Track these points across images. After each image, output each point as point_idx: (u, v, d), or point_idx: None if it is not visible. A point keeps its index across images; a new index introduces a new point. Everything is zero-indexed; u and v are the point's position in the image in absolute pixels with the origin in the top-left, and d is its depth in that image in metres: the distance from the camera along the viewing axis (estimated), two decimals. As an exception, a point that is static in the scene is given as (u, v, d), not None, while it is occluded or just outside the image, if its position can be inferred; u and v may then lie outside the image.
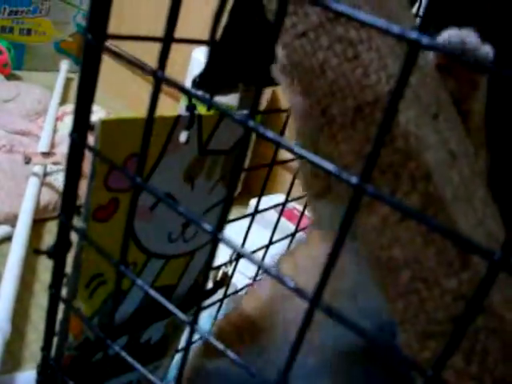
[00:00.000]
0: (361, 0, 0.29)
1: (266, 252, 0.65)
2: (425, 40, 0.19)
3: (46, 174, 0.98)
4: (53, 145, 1.11)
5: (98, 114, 1.26)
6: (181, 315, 0.31)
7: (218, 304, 0.66)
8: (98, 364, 0.48)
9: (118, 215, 0.40)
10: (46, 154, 0.96)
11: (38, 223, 0.89)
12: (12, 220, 0.88)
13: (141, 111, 0.30)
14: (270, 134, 0.24)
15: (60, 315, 0.41)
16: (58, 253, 0.38)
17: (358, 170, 0.21)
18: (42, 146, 1.06)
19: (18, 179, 0.97)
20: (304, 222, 0.80)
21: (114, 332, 0.46)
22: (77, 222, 0.38)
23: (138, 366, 0.36)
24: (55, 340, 0.43)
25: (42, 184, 0.96)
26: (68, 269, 0.40)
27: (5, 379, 0.61)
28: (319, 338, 0.39)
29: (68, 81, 1.57)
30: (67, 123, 1.22)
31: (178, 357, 0.63)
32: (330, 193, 0.34)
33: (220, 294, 0.63)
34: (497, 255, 0.19)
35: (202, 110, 0.53)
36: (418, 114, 0.28)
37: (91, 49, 0.31)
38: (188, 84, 0.37)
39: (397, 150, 0.27)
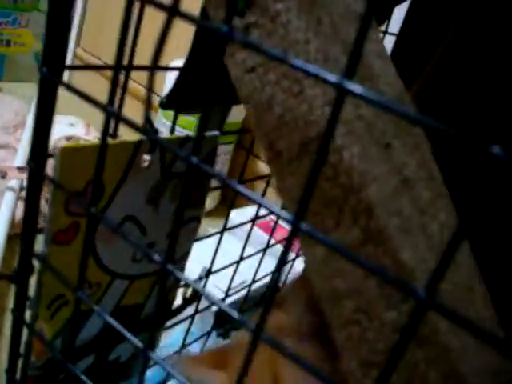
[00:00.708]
0: (310, 33, 0.30)
1: (236, 267, 0.65)
2: (350, 85, 0.20)
3: (22, 189, 0.98)
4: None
5: (76, 127, 1.26)
6: (136, 341, 0.32)
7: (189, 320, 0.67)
8: (63, 383, 0.48)
9: (78, 239, 0.40)
10: (22, 169, 0.96)
11: (13, 238, 0.89)
12: (-14, 234, 0.88)
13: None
14: (213, 171, 0.25)
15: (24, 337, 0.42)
16: (20, 277, 0.38)
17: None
18: (19, 160, 1.06)
19: (-6, 193, 0.97)
20: (279, 234, 0.81)
21: (77, 352, 0.47)
22: (38, 245, 0.39)
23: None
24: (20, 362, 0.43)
25: (18, 198, 0.96)
26: (31, 292, 0.41)
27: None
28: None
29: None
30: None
31: (149, 373, 0.64)
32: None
33: (191, 310, 0.63)
34: (420, 294, 0.20)
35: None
36: (365, 148, 0.29)
37: (47, 82, 0.31)
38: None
39: (340, 185, 0.28)
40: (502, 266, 0.39)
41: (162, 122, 1.15)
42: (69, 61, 1.69)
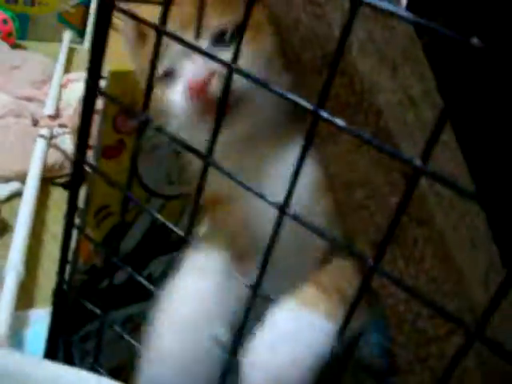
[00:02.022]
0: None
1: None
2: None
3: (52, 137, 1.04)
4: (58, 110, 1.17)
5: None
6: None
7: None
8: (103, 291, 0.54)
9: (123, 154, 0.46)
10: (53, 117, 1.02)
11: (44, 181, 0.95)
12: (21, 177, 0.94)
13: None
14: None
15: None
16: (72, 185, 0.44)
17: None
18: (48, 110, 1.12)
19: (26, 141, 1.03)
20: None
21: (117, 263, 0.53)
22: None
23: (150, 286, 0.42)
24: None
25: (49, 145, 1.02)
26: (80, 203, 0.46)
27: (20, 315, 0.68)
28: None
29: (70, 51, 1.62)
30: (71, 90, 1.27)
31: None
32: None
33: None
34: (418, 163, 0.25)
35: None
36: (375, 65, 0.34)
37: (105, 5, 0.36)
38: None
39: (355, 91, 0.33)
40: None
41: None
42: (91, 22, 1.73)
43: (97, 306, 0.55)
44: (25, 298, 0.72)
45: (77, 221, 0.47)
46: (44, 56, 1.45)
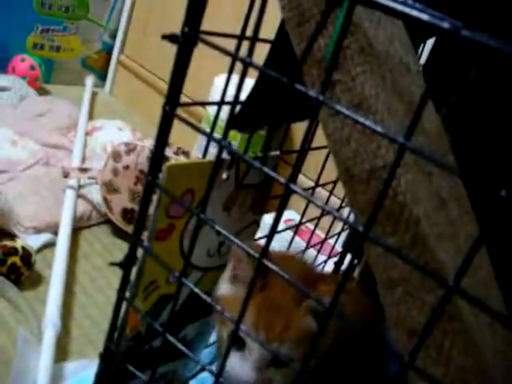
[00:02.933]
0: (379, 89, 0.39)
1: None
2: (408, 144, 0.29)
3: (79, 187, 1.08)
4: (83, 158, 1.22)
5: (124, 131, 1.36)
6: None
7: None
8: (145, 354, 0.58)
9: (172, 236, 0.50)
10: (84, 170, 1.06)
11: (74, 232, 0.99)
12: (52, 228, 0.99)
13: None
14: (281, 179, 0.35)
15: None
16: (127, 264, 0.48)
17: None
18: (76, 161, 1.17)
19: (56, 191, 1.07)
20: (314, 240, 0.90)
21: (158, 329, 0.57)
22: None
23: (185, 350, 0.46)
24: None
25: (77, 196, 1.06)
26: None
27: (57, 368, 0.71)
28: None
29: (93, 94, 1.68)
30: (96, 138, 1.32)
31: (207, 351, 0.74)
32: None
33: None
34: (449, 282, 0.29)
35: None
36: (415, 175, 0.39)
37: (188, 39, 0.39)
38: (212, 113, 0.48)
39: (398, 203, 0.37)
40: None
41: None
42: (112, 68, 1.79)
43: (139, 366, 0.59)
44: (59, 350, 0.75)
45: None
46: (68, 101, 1.50)
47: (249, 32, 0.38)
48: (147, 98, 1.68)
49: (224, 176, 0.52)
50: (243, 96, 0.49)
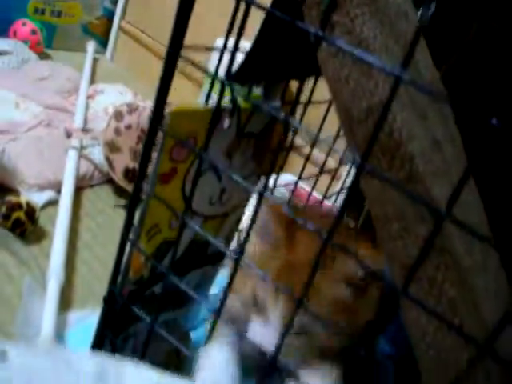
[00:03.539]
0: (377, 31, 0.40)
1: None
2: (404, 76, 0.31)
3: (82, 148, 1.10)
4: (85, 120, 1.23)
5: (126, 95, 1.37)
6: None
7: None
8: (147, 299, 0.59)
9: (175, 179, 0.51)
10: (86, 131, 1.07)
11: (76, 191, 1.01)
12: (55, 186, 1.00)
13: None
14: (295, 122, 0.36)
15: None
16: (130, 206, 0.50)
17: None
18: (78, 122, 1.18)
19: (58, 151, 1.09)
20: (312, 200, 0.92)
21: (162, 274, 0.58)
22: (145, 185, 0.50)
23: (192, 293, 0.48)
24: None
25: (80, 156, 1.08)
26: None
27: (60, 317, 0.73)
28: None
29: (94, 61, 1.68)
30: (97, 101, 1.33)
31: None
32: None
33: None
34: (442, 212, 0.31)
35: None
36: (409, 115, 0.40)
37: (171, 57, 0.42)
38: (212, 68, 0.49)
39: (393, 139, 0.38)
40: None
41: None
42: (113, 34, 1.79)
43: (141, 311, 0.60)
44: (63, 301, 0.77)
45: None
46: (70, 66, 1.51)
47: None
48: (148, 63, 1.68)
49: (225, 123, 0.53)
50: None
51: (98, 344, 0.59)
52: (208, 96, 0.50)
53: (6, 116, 1.16)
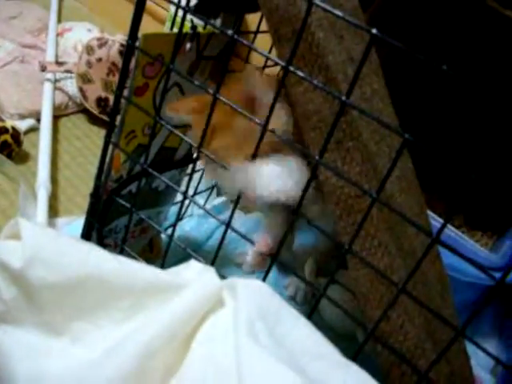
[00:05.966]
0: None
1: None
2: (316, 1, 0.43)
3: (56, 80, 1.20)
4: (57, 56, 1.32)
5: (93, 31, 1.46)
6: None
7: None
8: (125, 196, 0.72)
9: (147, 93, 0.63)
10: (60, 63, 1.17)
11: (53, 119, 1.12)
12: (34, 115, 1.11)
13: (124, 28, 0.52)
14: (248, 43, 0.48)
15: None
16: (112, 113, 0.62)
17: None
18: (50, 57, 1.27)
19: (34, 83, 1.18)
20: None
21: (138, 174, 0.71)
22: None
23: (171, 183, 0.60)
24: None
25: (54, 89, 1.18)
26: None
27: (50, 222, 0.86)
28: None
29: (59, 1, 1.74)
30: (67, 38, 1.41)
31: (175, 208, 0.88)
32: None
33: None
34: (343, 98, 0.44)
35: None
36: (327, 34, 0.52)
37: None
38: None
39: (313, 52, 0.51)
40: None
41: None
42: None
43: (120, 210, 0.73)
44: (50, 211, 0.89)
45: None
46: (38, 6, 1.58)
47: None
48: (112, 3, 1.75)
49: (187, 46, 0.65)
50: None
51: (87, 235, 0.71)
52: (172, 25, 0.62)
53: (-20, 53, 1.24)
